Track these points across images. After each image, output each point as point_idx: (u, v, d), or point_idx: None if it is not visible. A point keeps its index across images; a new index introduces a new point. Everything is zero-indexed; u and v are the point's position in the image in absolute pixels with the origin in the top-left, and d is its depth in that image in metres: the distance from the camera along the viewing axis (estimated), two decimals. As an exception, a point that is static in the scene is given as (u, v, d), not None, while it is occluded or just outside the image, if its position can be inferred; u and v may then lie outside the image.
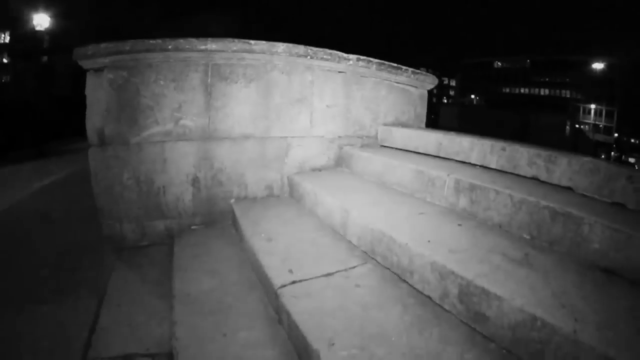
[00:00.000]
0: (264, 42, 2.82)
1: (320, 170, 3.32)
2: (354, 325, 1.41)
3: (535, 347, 1.25)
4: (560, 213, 1.79)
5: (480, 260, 1.60)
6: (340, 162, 3.44)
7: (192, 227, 2.79)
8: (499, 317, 1.35)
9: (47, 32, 19.71)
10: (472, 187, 2.21)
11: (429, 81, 4.14)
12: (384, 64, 3.55)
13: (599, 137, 59.26)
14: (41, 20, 18.29)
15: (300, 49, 2.99)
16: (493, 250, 1.73)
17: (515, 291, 1.37)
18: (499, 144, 2.67)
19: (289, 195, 3.13)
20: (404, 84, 3.89)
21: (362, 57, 3.37)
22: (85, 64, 2.50)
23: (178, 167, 2.72)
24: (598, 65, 57.61)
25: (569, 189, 2.24)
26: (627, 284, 1.52)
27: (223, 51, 2.72)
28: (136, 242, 2.68)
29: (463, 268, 1.52)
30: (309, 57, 3.05)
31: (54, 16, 19.05)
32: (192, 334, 1.60)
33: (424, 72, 4.12)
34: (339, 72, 3.33)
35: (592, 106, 64.18)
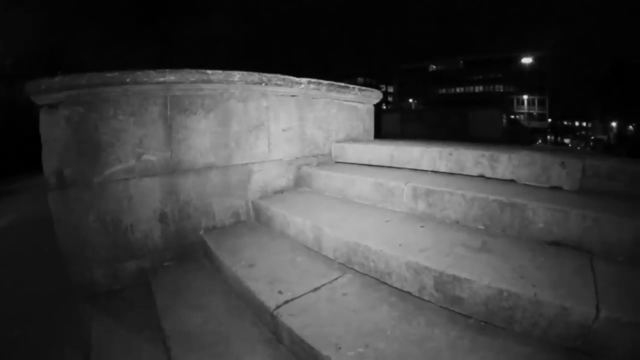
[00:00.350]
0: (220, 71, 2.91)
1: (282, 192, 3.46)
2: (352, 328, 1.58)
3: (506, 314, 1.53)
4: (507, 203, 2.13)
5: (447, 254, 1.86)
6: (300, 182, 3.60)
7: (165, 264, 2.78)
8: (472, 297, 1.61)
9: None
10: (428, 192, 2.48)
11: (375, 96, 4.47)
12: (333, 84, 3.81)
13: (535, 124, 65.54)
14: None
15: (255, 76, 3.13)
16: (455, 244, 2.00)
17: (481, 272, 1.64)
18: (446, 150, 2.97)
19: (256, 219, 3.22)
20: (352, 101, 4.18)
21: (312, 80, 3.59)
22: (38, 99, 2.39)
23: (144, 203, 2.69)
24: (527, 60, 62.95)
25: (512, 181, 2.62)
26: (571, 250, 1.89)
27: (181, 82, 2.75)
28: (109, 286, 2.59)
29: (434, 262, 1.76)
30: (263, 84, 3.20)
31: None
32: None
33: (370, 89, 4.44)
34: (292, 95, 3.52)
35: (525, 97, 70.58)
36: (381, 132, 13.19)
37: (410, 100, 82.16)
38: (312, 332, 1.56)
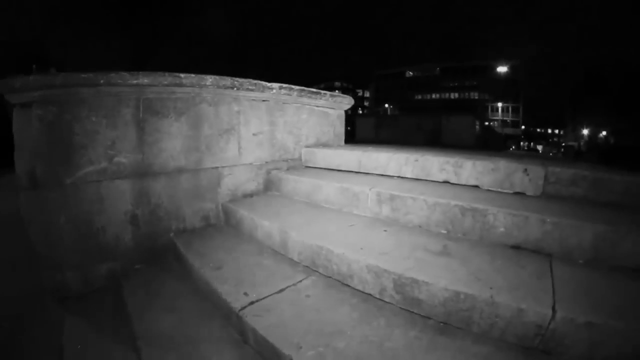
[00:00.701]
0: (193, 75, 2.96)
1: (251, 195, 3.54)
2: (313, 328, 1.68)
3: (464, 315, 1.63)
4: (468, 208, 2.27)
5: (407, 257, 1.98)
6: (269, 186, 3.69)
7: (136, 267, 2.81)
8: (430, 298, 1.72)
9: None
10: (392, 197, 2.62)
11: (346, 102, 4.61)
12: (304, 90, 3.91)
13: (508, 130, 67.98)
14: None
15: (227, 80, 3.20)
16: (416, 247, 2.13)
17: (439, 275, 1.75)
18: (412, 157, 3.13)
19: (225, 222, 3.30)
20: (323, 106, 4.30)
21: (284, 86, 3.70)
22: (12, 97, 2.39)
23: (115, 205, 2.72)
24: (502, 68, 64.91)
25: (476, 186, 2.79)
26: (531, 254, 2.02)
27: (154, 85, 2.78)
28: (80, 288, 2.59)
29: (393, 265, 1.88)
30: (235, 88, 3.27)
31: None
32: None
33: (341, 95, 4.58)
34: (263, 100, 3.61)
35: (500, 104, 72.68)
36: (355, 137, 13.34)
37: (387, 105, 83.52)
38: (275, 332, 1.66)
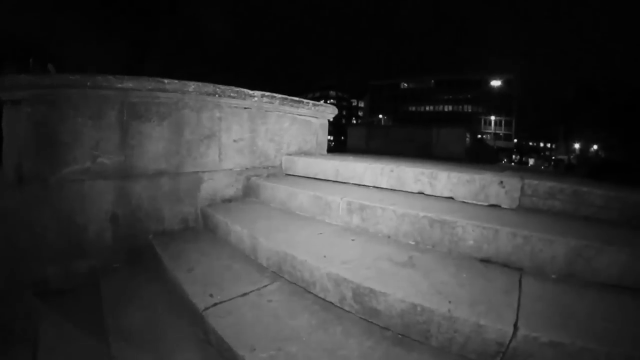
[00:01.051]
0: (176, 81, 3.07)
1: (230, 201, 3.64)
2: (270, 332, 1.77)
3: (422, 328, 1.63)
4: (437, 220, 2.28)
5: (368, 267, 2.03)
6: (248, 192, 3.78)
7: (115, 266, 2.88)
8: (388, 309, 1.74)
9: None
10: (362, 207, 2.70)
11: (329, 111, 4.72)
12: (286, 98, 4.02)
13: (501, 143, 68.68)
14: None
15: (210, 87, 3.30)
16: (381, 257, 2.16)
17: (398, 287, 1.76)
18: (388, 167, 3.21)
19: (203, 226, 3.39)
20: (305, 115, 4.41)
21: (266, 94, 3.80)
22: (3, 95, 2.50)
23: (97, 205, 2.81)
24: (496, 82, 65.56)
25: (450, 198, 2.83)
26: (500, 268, 2.00)
27: (139, 90, 2.88)
28: (60, 284, 2.66)
29: (353, 274, 1.91)
30: (217, 95, 3.38)
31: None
32: None
33: (324, 104, 4.70)
34: (245, 108, 3.71)
35: (492, 117, 73.08)
36: (347, 147, 13.40)
37: (380, 116, 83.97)
38: (232, 333, 1.75)
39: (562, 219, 2.31)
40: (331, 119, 4.83)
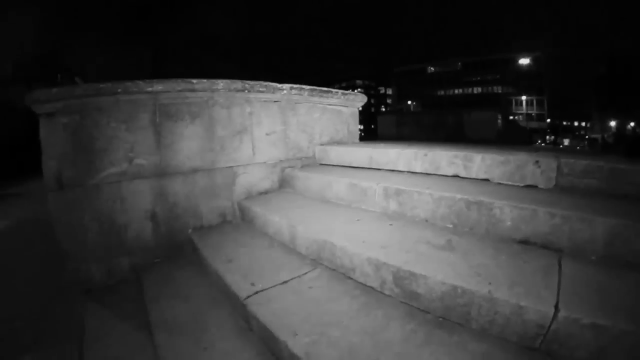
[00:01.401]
0: (205, 80, 3.09)
1: (266, 193, 3.63)
2: (311, 317, 1.73)
3: (462, 310, 1.59)
4: (473, 202, 2.22)
5: (407, 250, 1.98)
6: (284, 184, 3.77)
7: (155, 261, 2.95)
8: (428, 292, 1.71)
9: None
10: (398, 192, 2.63)
11: (359, 100, 4.64)
12: (315, 89, 3.98)
13: (533, 124, 65.66)
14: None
15: (238, 84, 3.31)
16: (419, 241, 2.12)
17: (437, 270, 1.72)
18: (421, 151, 3.13)
19: (241, 219, 3.40)
20: (335, 105, 4.35)
21: (295, 86, 3.77)
22: (37, 108, 2.57)
23: (136, 204, 2.87)
24: (525, 60, 62.88)
25: (486, 180, 2.73)
26: (539, 249, 1.92)
27: (168, 92, 2.93)
28: (104, 281, 2.76)
29: (393, 258, 1.88)
30: (246, 90, 3.37)
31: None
32: (176, 353, 1.81)
33: (353, 92, 4.61)
34: (275, 101, 3.69)
35: (524, 98, 70.59)
36: (377, 134, 13.28)
37: (409, 102, 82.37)
38: (274, 319, 1.73)
39: (600, 197, 2.19)
40: (360, 108, 4.77)
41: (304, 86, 3.88)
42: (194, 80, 3.04)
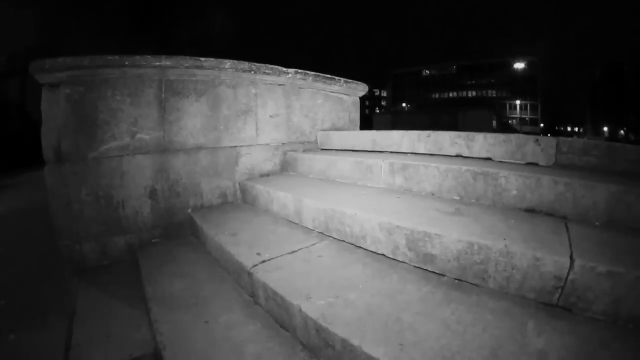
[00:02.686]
0: (213, 59, 2.94)
1: (268, 175, 3.47)
2: (324, 282, 1.58)
3: (479, 269, 1.51)
4: (480, 173, 2.16)
5: (420, 215, 1.88)
6: (286, 167, 3.62)
7: (153, 241, 2.77)
8: (443, 253, 1.61)
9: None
10: (405, 167, 2.52)
11: (361, 89, 4.51)
12: (319, 76, 3.84)
13: (527, 128, 65.49)
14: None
15: (245, 65, 3.16)
16: (429, 209, 2.03)
17: (452, 229, 1.65)
18: (424, 133, 3.03)
19: (242, 200, 3.23)
20: (338, 92, 4.21)
21: (300, 71, 3.62)
22: (42, 78, 2.42)
23: (136, 180, 2.70)
24: (520, 65, 62.93)
25: (488, 159, 2.66)
26: (545, 216, 1.89)
27: (176, 68, 2.78)
28: (98, 261, 2.58)
29: (406, 222, 1.77)
30: (253, 72, 3.22)
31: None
32: (175, 328, 1.64)
33: (356, 82, 4.46)
34: (280, 85, 3.54)
35: (518, 102, 70.34)
36: (372, 132, 13.31)
37: (404, 104, 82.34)
38: (285, 285, 1.56)
39: (599, 173, 2.17)
40: (361, 96, 4.67)
41: (308, 72, 3.73)
42: (202, 59, 2.89)
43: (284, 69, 3.50)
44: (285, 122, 3.65)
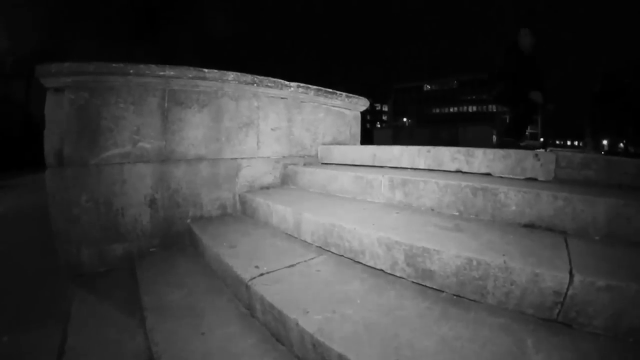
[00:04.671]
0: (216, 70, 2.97)
1: (268, 188, 3.47)
2: (322, 297, 1.57)
3: (478, 284, 1.50)
4: (479, 188, 2.16)
5: (418, 231, 1.87)
6: (286, 180, 3.61)
7: (151, 250, 2.77)
8: (442, 268, 1.59)
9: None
10: (404, 182, 2.52)
11: (362, 103, 4.54)
12: (320, 89, 3.87)
13: (528, 142, 65.13)
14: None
15: (248, 77, 3.19)
16: (428, 224, 2.02)
17: (451, 245, 1.64)
18: (424, 148, 3.06)
19: (242, 212, 3.23)
20: (339, 107, 4.24)
21: (301, 85, 3.66)
22: (47, 81, 2.45)
23: (136, 188, 2.70)
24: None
25: (488, 174, 2.68)
26: (545, 231, 1.88)
27: (179, 78, 2.80)
28: (95, 267, 2.57)
29: (405, 237, 1.76)
30: (255, 84, 3.26)
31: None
32: (171, 338, 1.61)
33: (357, 96, 4.49)
34: (282, 98, 3.57)
35: None
36: (373, 147, 13.37)
37: (405, 119, 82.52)
38: (282, 299, 1.55)
39: (598, 187, 2.21)
40: (362, 110, 4.70)
41: (310, 85, 3.77)
42: (206, 70, 2.92)
43: (286, 82, 3.54)
44: (286, 135, 3.67)
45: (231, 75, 3.10)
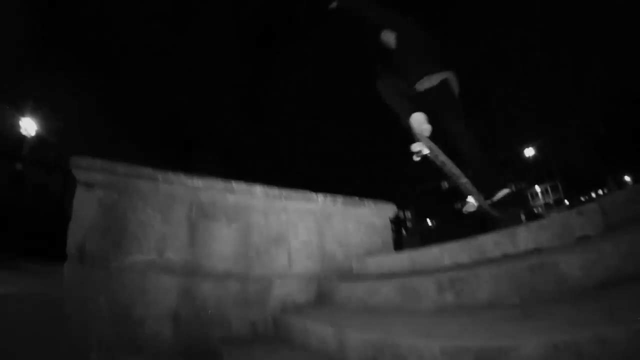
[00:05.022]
0: (244, 183, 3.02)
1: (302, 306, 3.20)
2: None
3: None
4: (535, 265, 1.93)
5: (485, 330, 1.61)
6: (321, 298, 3.34)
7: (172, 368, 2.44)
8: None
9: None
10: (452, 282, 2.25)
11: (389, 209, 4.47)
12: (347, 198, 3.88)
13: (554, 212, 62.43)
14: (27, 125, 17.93)
15: (275, 191, 3.22)
16: (491, 320, 1.75)
17: (526, 335, 1.40)
18: (465, 241, 2.86)
19: (275, 334, 2.91)
20: (368, 216, 4.16)
21: (328, 195, 3.67)
22: (78, 174, 2.50)
23: (159, 300, 2.54)
24: (529, 151, 63.13)
25: (536, 249, 2.41)
26: (617, 285, 1.64)
27: (207, 189, 2.83)
28: None
29: (471, 340, 1.51)
30: (283, 198, 3.27)
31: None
32: None
33: (384, 202, 4.45)
34: (310, 210, 3.54)
35: (537, 189, 68.11)
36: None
37: (428, 220, 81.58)
38: None
39: None
40: (391, 217, 4.60)
41: (337, 196, 3.79)
42: (234, 183, 2.97)
43: (314, 195, 3.56)
44: (318, 250, 3.54)
45: (258, 188, 3.14)
